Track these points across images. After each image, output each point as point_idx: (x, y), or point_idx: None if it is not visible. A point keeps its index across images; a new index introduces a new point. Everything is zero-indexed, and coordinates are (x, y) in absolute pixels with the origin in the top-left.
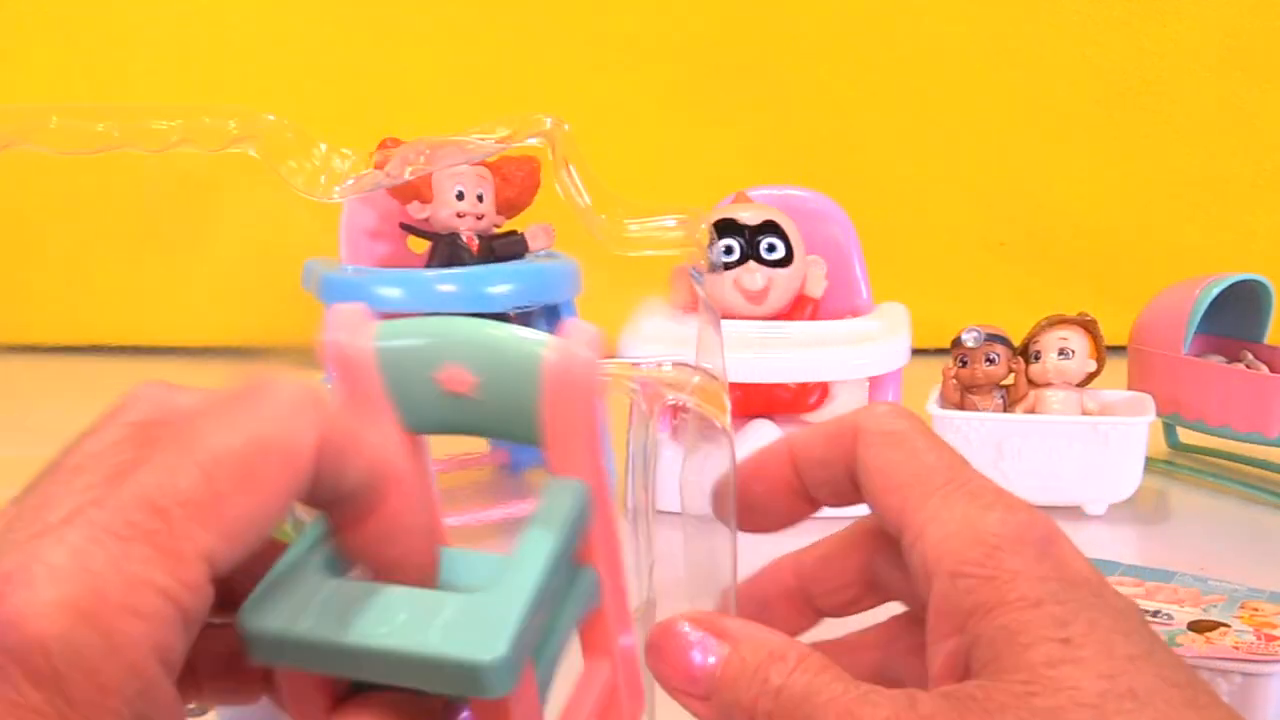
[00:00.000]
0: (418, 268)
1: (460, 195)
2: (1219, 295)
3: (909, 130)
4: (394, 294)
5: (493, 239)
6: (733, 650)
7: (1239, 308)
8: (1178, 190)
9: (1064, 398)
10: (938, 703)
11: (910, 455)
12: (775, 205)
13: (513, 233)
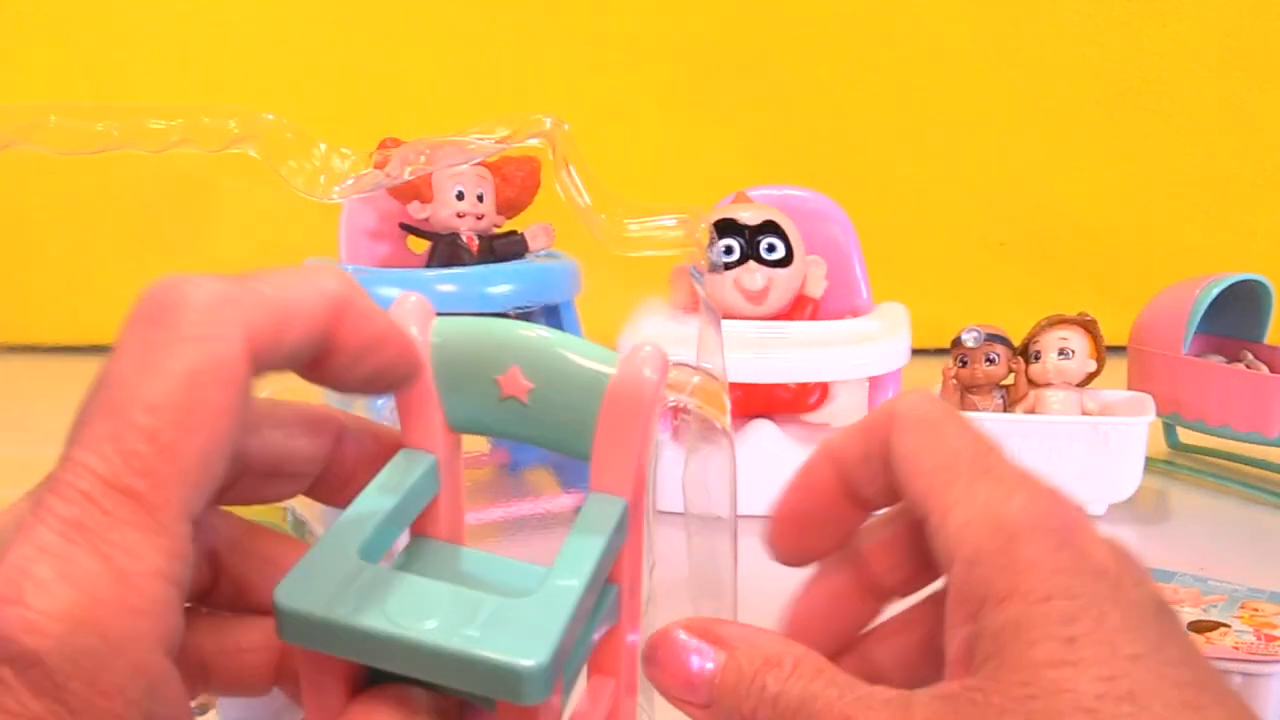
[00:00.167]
0: (418, 268)
1: (460, 195)
2: (1219, 295)
3: (909, 130)
4: (394, 294)
5: (493, 239)
6: (729, 657)
7: (1239, 308)
8: (1178, 190)
9: (1064, 398)
10: (934, 706)
11: (939, 440)
12: (775, 205)
13: (513, 233)
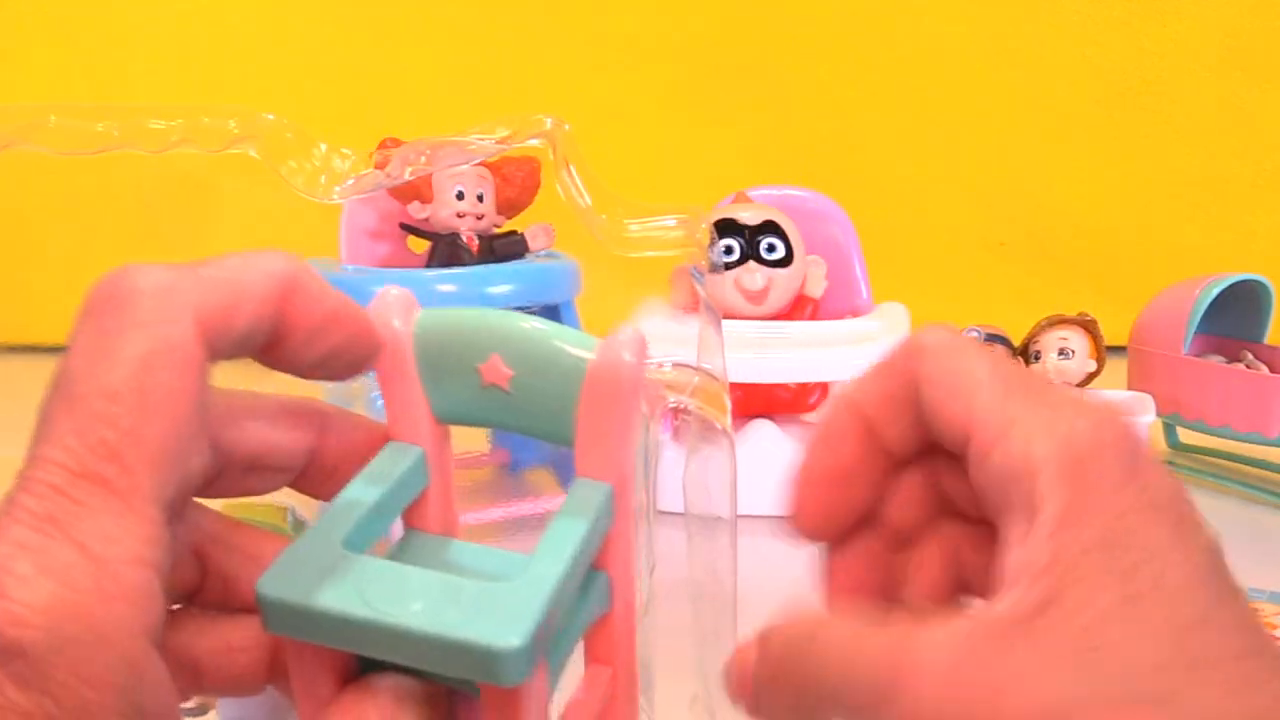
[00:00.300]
0: (418, 268)
1: (460, 195)
2: (1219, 295)
3: (909, 130)
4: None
5: (493, 239)
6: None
7: (1239, 308)
8: (1178, 190)
9: None
10: (979, 636)
11: (978, 363)
12: (775, 205)
13: (513, 233)
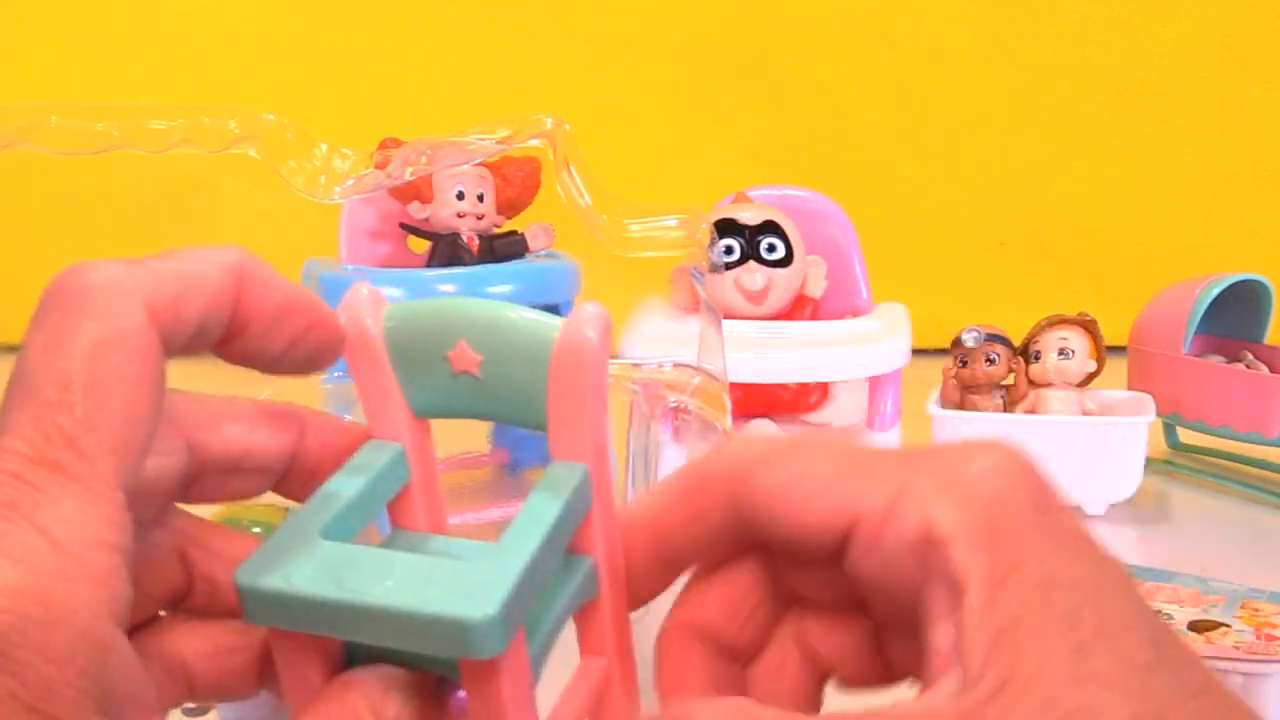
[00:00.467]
0: (418, 268)
1: (460, 195)
2: (1219, 295)
3: (909, 130)
4: (394, 294)
5: (493, 239)
6: None
7: (1239, 308)
8: (1178, 190)
9: (1064, 398)
10: None
11: (814, 456)
12: (775, 205)
13: (513, 233)
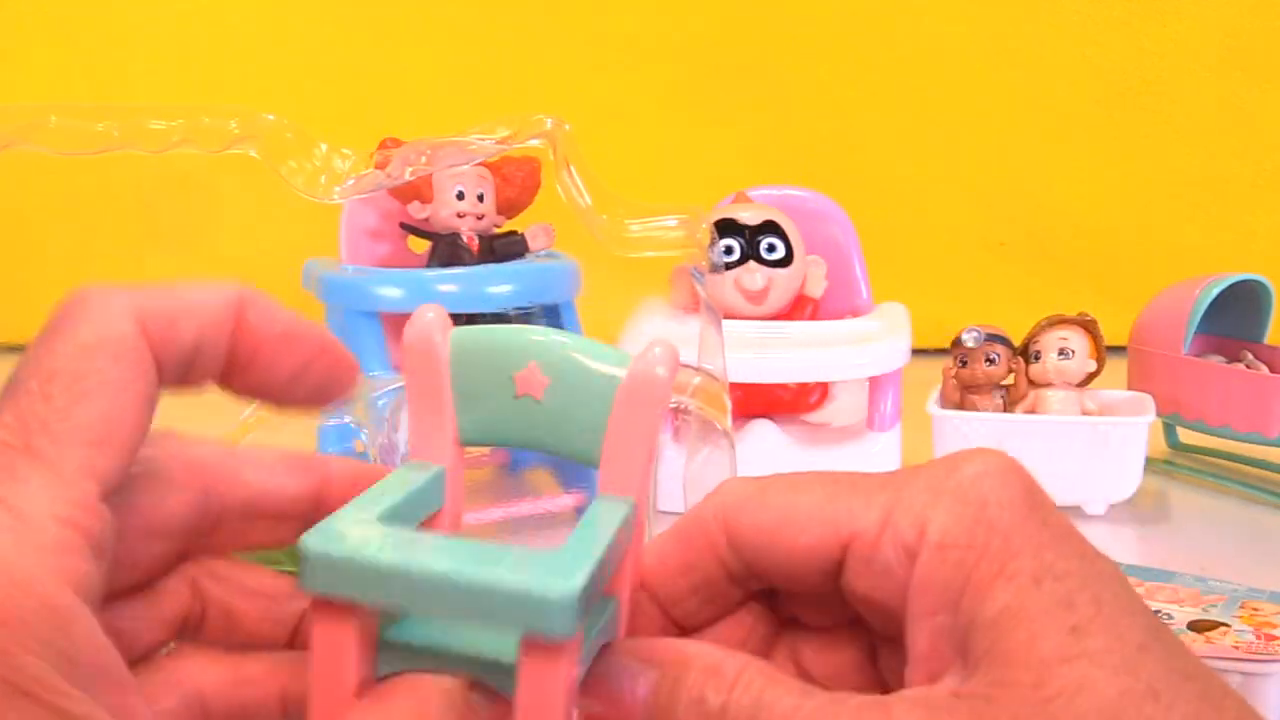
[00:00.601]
0: (418, 268)
1: (460, 195)
2: (1219, 295)
3: (909, 130)
4: (394, 294)
5: (493, 239)
6: (660, 674)
7: (1239, 308)
8: (1178, 190)
9: (1064, 398)
10: (920, 714)
11: (815, 481)
12: (775, 205)
13: (513, 233)
